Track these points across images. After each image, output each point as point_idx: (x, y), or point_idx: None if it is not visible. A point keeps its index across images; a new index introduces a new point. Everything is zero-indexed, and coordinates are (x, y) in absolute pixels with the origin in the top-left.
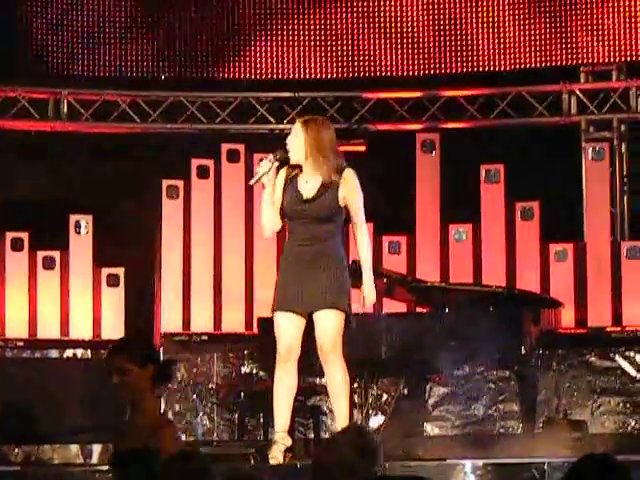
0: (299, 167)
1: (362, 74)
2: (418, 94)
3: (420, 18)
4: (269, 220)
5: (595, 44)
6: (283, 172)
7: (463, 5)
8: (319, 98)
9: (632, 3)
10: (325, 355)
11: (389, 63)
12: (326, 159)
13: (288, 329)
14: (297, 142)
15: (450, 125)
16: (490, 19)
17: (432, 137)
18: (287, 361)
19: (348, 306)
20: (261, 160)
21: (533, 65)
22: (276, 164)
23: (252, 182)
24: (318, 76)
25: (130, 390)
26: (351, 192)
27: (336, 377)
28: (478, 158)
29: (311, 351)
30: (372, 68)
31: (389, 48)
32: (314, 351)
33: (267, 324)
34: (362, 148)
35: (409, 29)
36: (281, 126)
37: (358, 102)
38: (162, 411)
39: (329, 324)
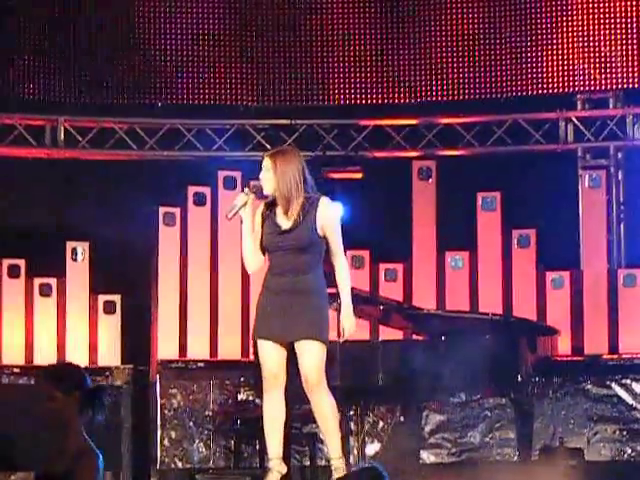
0: (274, 201)
1: (359, 101)
2: (414, 121)
3: (416, 45)
4: (250, 255)
5: (592, 71)
6: (260, 209)
7: (459, 33)
8: (315, 125)
9: (629, 31)
10: (310, 387)
11: (385, 90)
12: (297, 191)
13: (271, 356)
14: (268, 176)
15: (446, 152)
16: (486, 46)
17: (429, 164)
18: (274, 387)
19: (327, 337)
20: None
21: (529, 92)
22: (252, 196)
23: (229, 214)
24: (315, 103)
25: (55, 416)
26: (328, 220)
27: (324, 407)
28: (475, 186)
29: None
30: (369, 95)
31: (385, 75)
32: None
33: None
34: (359, 175)
35: (405, 56)
36: None
37: (355, 129)
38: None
39: (312, 356)
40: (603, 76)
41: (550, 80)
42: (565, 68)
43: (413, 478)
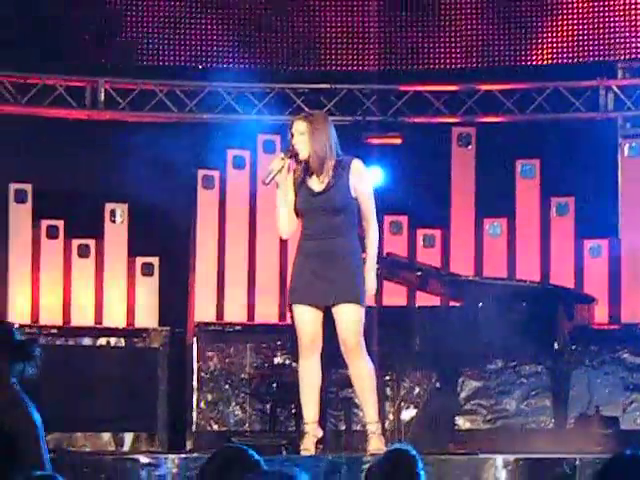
0: (307, 165)
1: (399, 67)
2: (455, 87)
3: (457, 12)
4: (285, 221)
5: (633, 40)
6: (291, 174)
7: None
8: (355, 90)
9: None
10: (349, 351)
11: (426, 56)
12: (331, 152)
13: (308, 321)
14: (302, 139)
15: (486, 119)
16: (526, 13)
17: (468, 131)
18: (310, 352)
19: (364, 300)
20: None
21: (570, 60)
22: (288, 161)
23: (267, 180)
24: (355, 68)
25: None
26: (361, 182)
27: (362, 371)
28: (514, 153)
29: (338, 343)
30: (409, 60)
31: (427, 41)
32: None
33: None
34: (398, 141)
35: (447, 22)
36: None
37: (395, 95)
38: (17, 390)
39: (350, 319)
40: None
41: (591, 48)
42: (607, 36)
43: (449, 444)
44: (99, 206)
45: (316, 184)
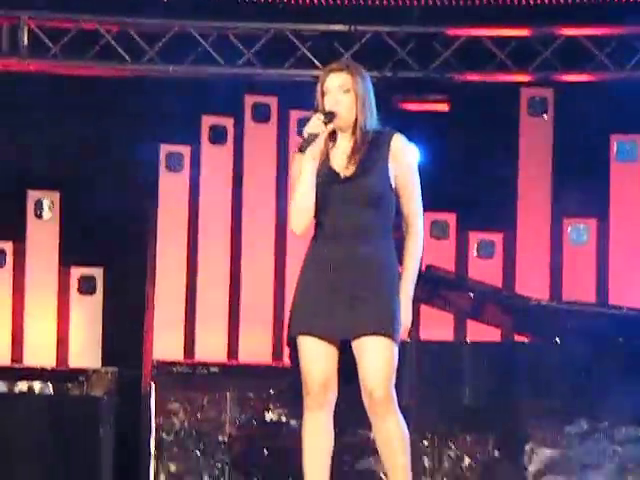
0: (335, 137)
1: (446, 2)
2: (525, 32)
3: None
4: (308, 208)
5: None
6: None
7: None
8: (384, 34)
9: None
10: (375, 403)
11: None
12: (372, 122)
13: (318, 360)
14: (345, 99)
15: (570, 77)
16: None
17: (543, 93)
18: (319, 405)
19: (399, 333)
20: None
21: None
22: (330, 127)
23: (304, 148)
24: (384, 3)
25: None
26: (405, 169)
27: (392, 434)
28: (609, 126)
29: (358, 392)
30: None
31: None
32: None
33: None
34: (444, 107)
35: None
36: None
37: (440, 41)
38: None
39: (380, 359)
40: None
41: None
42: None
43: None
44: (19, 195)
45: (343, 165)
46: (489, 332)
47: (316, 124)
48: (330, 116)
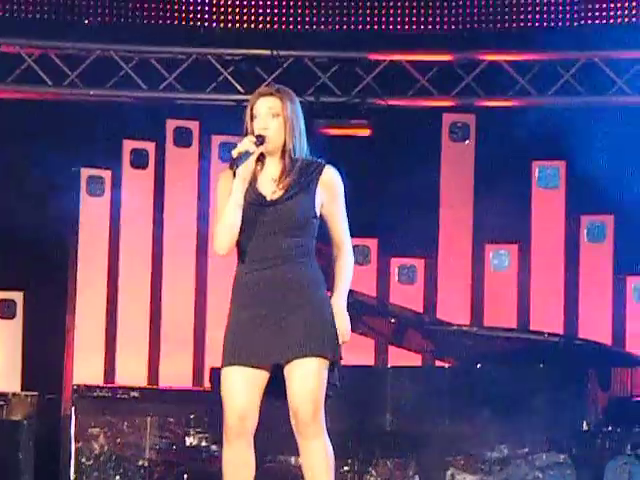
0: (262, 161)
1: (368, 26)
2: (447, 57)
3: None
4: (234, 225)
5: None
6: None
7: None
8: (307, 59)
9: None
10: (302, 425)
11: (407, 12)
12: (302, 147)
13: (242, 391)
14: (275, 123)
15: (492, 103)
16: None
17: (465, 119)
18: (237, 437)
19: (334, 353)
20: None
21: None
22: (261, 149)
23: (235, 165)
24: (307, 28)
25: None
26: (334, 197)
27: (317, 457)
28: (530, 151)
29: (281, 417)
30: (383, 19)
31: None
32: (285, 417)
33: None
34: (366, 132)
35: None
36: None
37: (362, 66)
38: None
39: (310, 380)
40: None
41: None
42: None
43: None
44: None
45: (270, 189)
46: (410, 357)
47: (247, 144)
48: (260, 139)
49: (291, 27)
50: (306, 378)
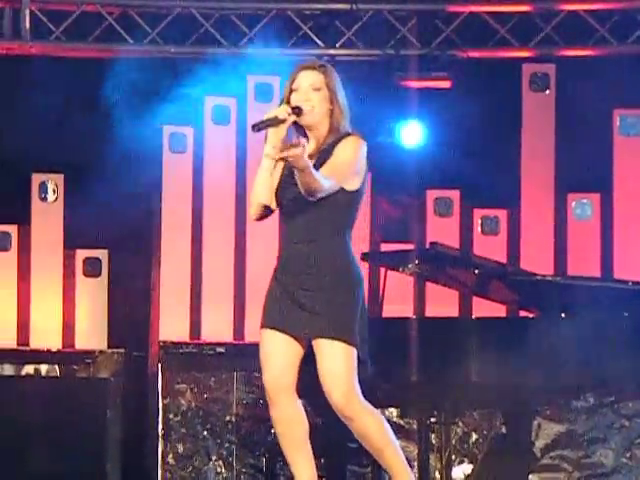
0: (300, 135)
1: None
2: (526, 8)
3: None
4: (262, 191)
5: None
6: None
7: None
8: (386, 12)
9: None
10: (338, 407)
11: None
12: (346, 122)
13: (276, 353)
14: (316, 97)
15: (572, 52)
16: None
17: (545, 69)
18: (278, 392)
19: (355, 336)
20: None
21: None
22: (291, 118)
23: (260, 125)
24: None
25: None
26: (336, 152)
27: (367, 431)
28: (612, 101)
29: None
30: None
31: None
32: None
33: None
34: (446, 84)
35: None
36: (332, 51)
37: (442, 18)
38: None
39: (335, 365)
40: None
41: None
42: None
43: None
44: (23, 178)
45: None
46: (494, 308)
47: (280, 111)
48: (297, 110)
49: None
50: (333, 363)
